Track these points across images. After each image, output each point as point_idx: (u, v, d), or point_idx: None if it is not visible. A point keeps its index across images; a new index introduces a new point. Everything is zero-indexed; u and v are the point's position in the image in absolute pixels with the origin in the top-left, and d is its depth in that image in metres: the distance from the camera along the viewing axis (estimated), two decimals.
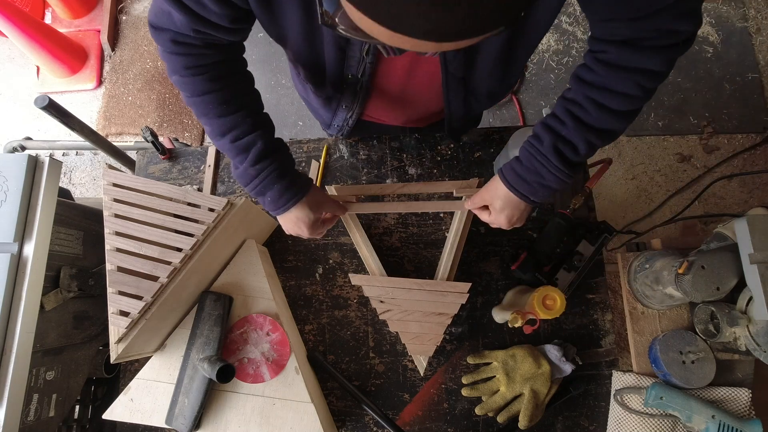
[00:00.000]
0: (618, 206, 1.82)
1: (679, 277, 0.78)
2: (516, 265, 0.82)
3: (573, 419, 0.85)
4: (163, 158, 0.95)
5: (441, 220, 0.92)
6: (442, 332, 0.82)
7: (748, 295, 0.78)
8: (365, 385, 0.86)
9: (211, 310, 0.78)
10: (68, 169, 1.91)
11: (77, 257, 0.92)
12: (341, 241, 0.91)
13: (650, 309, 0.90)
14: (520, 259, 0.82)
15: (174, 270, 0.71)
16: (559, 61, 1.97)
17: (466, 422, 0.84)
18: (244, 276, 0.82)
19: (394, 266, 0.90)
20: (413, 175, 0.94)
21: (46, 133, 1.96)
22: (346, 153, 0.96)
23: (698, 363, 0.82)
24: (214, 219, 0.73)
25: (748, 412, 0.82)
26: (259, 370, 0.78)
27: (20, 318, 0.75)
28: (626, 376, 0.85)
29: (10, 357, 0.74)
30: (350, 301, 0.89)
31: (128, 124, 1.94)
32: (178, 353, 0.79)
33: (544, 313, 0.74)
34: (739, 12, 2.00)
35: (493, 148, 0.95)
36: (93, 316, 0.96)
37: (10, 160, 0.81)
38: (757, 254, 0.75)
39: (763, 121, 1.89)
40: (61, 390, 0.89)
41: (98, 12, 2.04)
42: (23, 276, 0.77)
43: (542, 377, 0.80)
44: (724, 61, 1.95)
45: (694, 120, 1.90)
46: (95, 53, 2.01)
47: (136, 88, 1.97)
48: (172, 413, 0.75)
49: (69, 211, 0.92)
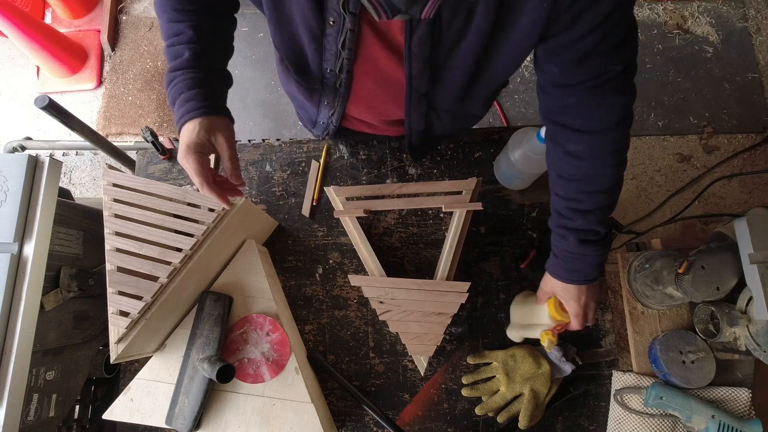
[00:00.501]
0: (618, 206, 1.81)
1: (679, 277, 0.78)
2: (525, 263, 0.82)
3: (573, 419, 0.85)
4: (163, 158, 0.95)
5: (441, 220, 0.92)
6: (442, 332, 0.82)
7: (748, 295, 0.78)
8: (365, 385, 0.86)
9: (211, 310, 0.78)
10: (68, 169, 1.91)
11: (77, 257, 0.92)
12: (341, 241, 0.91)
13: (650, 309, 0.90)
14: (529, 257, 0.82)
15: (174, 270, 0.71)
16: None
17: (466, 422, 0.84)
18: (244, 276, 0.82)
19: (394, 266, 0.90)
20: (413, 175, 0.94)
21: (46, 133, 1.96)
22: (346, 153, 0.96)
23: (698, 363, 0.82)
24: (214, 219, 0.73)
25: (748, 412, 0.82)
26: (259, 370, 0.78)
27: (20, 318, 0.75)
28: (626, 376, 0.85)
29: (10, 357, 0.74)
30: (350, 301, 0.89)
31: (128, 124, 1.94)
32: (178, 353, 0.79)
33: (567, 318, 0.72)
34: (739, 12, 2.00)
35: (493, 148, 0.95)
36: (93, 316, 0.96)
37: (10, 160, 0.81)
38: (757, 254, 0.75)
39: (763, 121, 1.89)
40: (61, 390, 0.89)
41: (98, 12, 2.04)
42: (23, 276, 0.77)
43: (542, 377, 0.80)
44: (724, 61, 1.95)
45: (694, 120, 1.90)
46: (95, 53, 2.01)
47: (136, 88, 1.97)
48: (172, 413, 0.75)
49: (69, 211, 0.92)
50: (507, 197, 0.93)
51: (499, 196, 0.93)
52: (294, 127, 1.91)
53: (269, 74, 1.97)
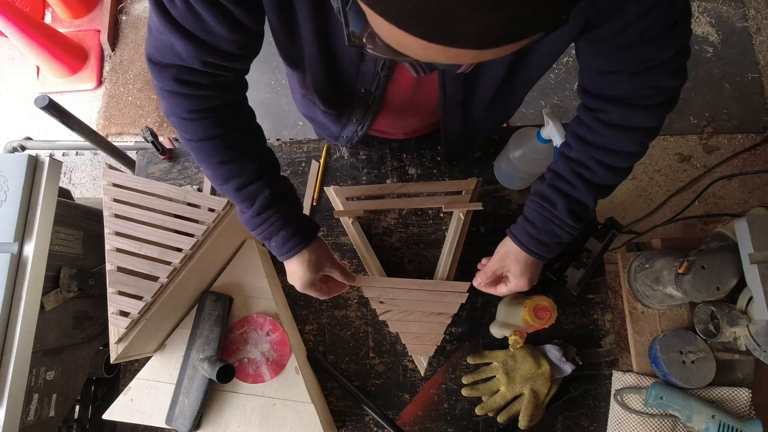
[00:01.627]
0: (618, 206, 1.82)
1: (679, 277, 0.78)
2: None
3: (573, 419, 0.85)
4: (163, 158, 0.95)
5: (441, 220, 0.92)
6: (442, 332, 0.82)
7: (748, 295, 0.78)
8: (365, 385, 0.86)
9: (211, 310, 0.78)
10: (68, 169, 1.91)
11: (77, 257, 0.92)
12: (341, 241, 0.91)
13: (650, 309, 0.90)
14: None
15: (174, 270, 0.71)
16: (559, 61, 1.97)
17: (466, 422, 0.84)
18: (244, 276, 0.82)
19: (394, 266, 0.90)
20: (413, 175, 0.94)
21: (46, 133, 1.96)
22: (346, 153, 0.96)
23: (698, 363, 0.82)
24: (214, 219, 0.73)
25: (748, 412, 0.82)
26: (259, 370, 0.78)
27: (20, 318, 0.75)
28: (626, 376, 0.85)
29: (10, 357, 0.74)
30: (350, 301, 0.89)
31: (128, 124, 1.94)
32: (178, 353, 0.79)
33: (538, 323, 0.74)
34: (739, 12, 2.00)
35: (493, 148, 0.95)
36: (93, 316, 0.96)
37: (10, 160, 0.81)
38: (757, 254, 0.75)
39: (763, 121, 1.89)
40: (61, 390, 0.89)
41: (98, 12, 2.04)
42: (23, 276, 0.77)
43: (542, 377, 0.80)
44: (724, 61, 1.95)
45: (694, 120, 1.90)
46: (95, 53, 2.00)
47: (136, 88, 1.97)
48: (172, 413, 0.75)
49: (69, 211, 0.92)
50: (507, 197, 0.93)
51: (499, 196, 0.93)
52: (294, 127, 1.91)
53: (269, 74, 1.97)
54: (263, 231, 0.64)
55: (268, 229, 0.64)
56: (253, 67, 0.65)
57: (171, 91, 0.56)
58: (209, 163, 0.61)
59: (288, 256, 0.67)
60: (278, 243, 0.65)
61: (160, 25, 0.49)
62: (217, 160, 0.60)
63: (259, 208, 0.62)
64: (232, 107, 0.61)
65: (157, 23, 0.50)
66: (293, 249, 0.66)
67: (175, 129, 0.60)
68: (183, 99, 0.56)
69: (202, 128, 0.59)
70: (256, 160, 0.63)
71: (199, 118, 0.58)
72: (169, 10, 0.48)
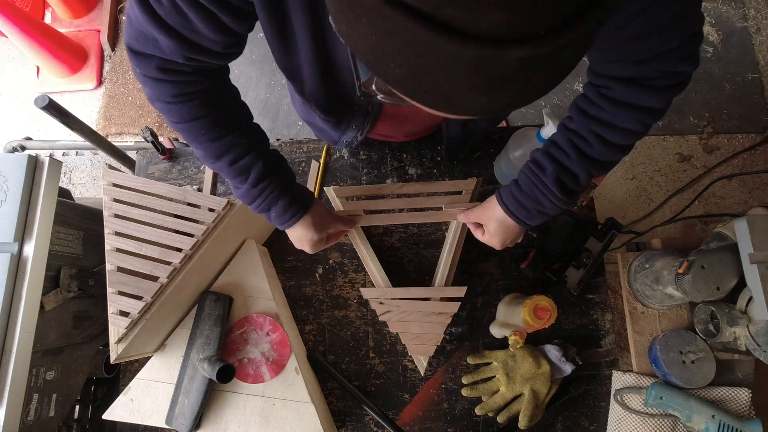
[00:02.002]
0: (618, 206, 1.82)
1: (679, 277, 0.78)
2: (525, 263, 0.82)
3: (573, 419, 0.85)
4: (163, 158, 0.95)
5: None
6: (442, 332, 0.82)
7: (748, 294, 0.78)
8: (365, 385, 0.86)
9: (211, 310, 0.78)
10: (68, 169, 1.91)
11: (77, 257, 0.92)
12: (341, 241, 0.91)
13: (650, 309, 0.90)
14: (529, 257, 0.82)
15: (174, 270, 0.71)
16: None
17: (466, 422, 0.84)
18: (244, 276, 0.82)
19: (394, 266, 0.90)
20: (413, 175, 0.94)
21: (46, 133, 1.95)
22: (346, 153, 0.96)
23: (698, 363, 0.82)
24: (214, 219, 0.73)
25: (748, 412, 0.82)
26: (259, 370, 0.78)
27: (20, 318, 0.75)
28: (626, 376, 0.85)
29: (10, 357, 0.74)
30: (350, 302, 0.89)
31: (128, 124, 1.94)
32: (178, 353, 0.79)
33: (538, 323, 0.74)
34: (739, 12, 2.00)
35: (493, 148, 0.95)
36: (93, 316, 0.96)
37: (10, 160, 0.81)
38: (757, 254, 0.75)
39: (763, 121, 1.89)
40: (61, 390, 0.89)
41: (98, 12, 2.04)
42: (23, 276, 0.77)
43: (542, 377, 0.80)
44: (724, 61, 1.95)
45: (694, 120, 1.90)
46: (95, 53, 2.00)
47: (136, 88, 1.96)
48: (172, 413, 0.75)
49: (69, 211, 0.92)
50: None
51: None
52: (294, 127, 1.91)
53: (269, 74, 1.97)
54: (262, 202, 0.65)
55: (267, 199, 0.64)
56: (253, 67, 0.64)
57: (155, 78, 0.55)
58: (200, 143, 0.61)
59: (291, 223, 0.68)
60: (278, 212, 0.66)
61: (143, 20, 0.48)
62: (207, 138, 0.60)
63: (255, 179, 0.63)
64: (217, 88, 0.61)
65: (139, 16, 0.48)
66: (295, 215, 0.67)
67: (161, 113, 0.60)
68: (167, 85, 0.56)
69: (189, 110, 0.58)
70: (246, 135, 0.63)
71: (185, 101, 0.57)
72: (154, 7, 0.47)
